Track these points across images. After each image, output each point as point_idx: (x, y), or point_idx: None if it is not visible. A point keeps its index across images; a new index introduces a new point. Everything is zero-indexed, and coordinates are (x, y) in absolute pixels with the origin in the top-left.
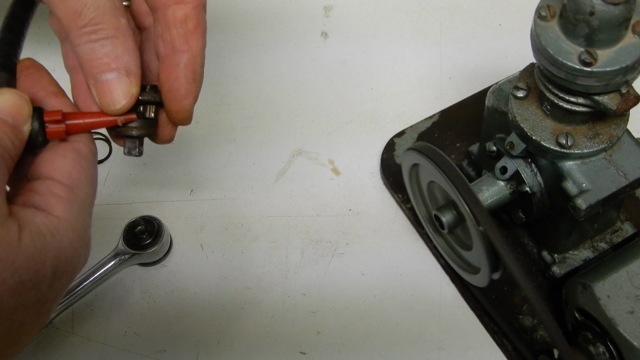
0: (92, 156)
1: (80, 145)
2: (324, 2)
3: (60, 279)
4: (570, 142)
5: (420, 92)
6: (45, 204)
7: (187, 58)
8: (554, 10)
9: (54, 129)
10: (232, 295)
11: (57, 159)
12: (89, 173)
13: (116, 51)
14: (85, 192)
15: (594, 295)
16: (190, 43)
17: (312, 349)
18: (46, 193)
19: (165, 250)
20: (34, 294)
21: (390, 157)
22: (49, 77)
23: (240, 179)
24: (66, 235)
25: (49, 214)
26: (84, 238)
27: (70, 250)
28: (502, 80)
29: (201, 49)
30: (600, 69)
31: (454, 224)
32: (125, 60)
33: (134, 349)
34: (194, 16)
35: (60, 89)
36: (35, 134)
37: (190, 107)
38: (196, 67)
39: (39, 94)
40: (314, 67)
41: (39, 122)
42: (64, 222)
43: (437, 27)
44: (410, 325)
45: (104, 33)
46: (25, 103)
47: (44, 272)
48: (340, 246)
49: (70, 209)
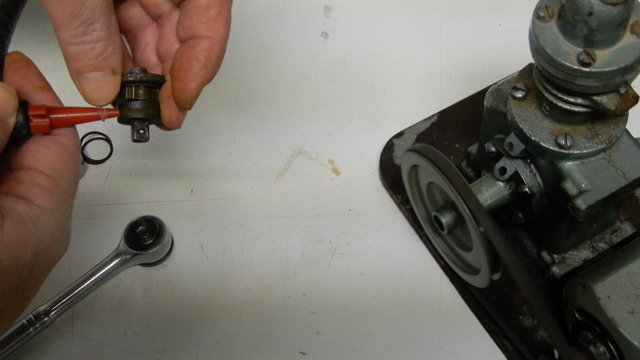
0: (75, 149)
1: (64, 139)
2: (324, 2)
3: (40, 267)
4: (569, 142)
5: (420, 92)
6: (28, 193)
7: (204, 43)
8: (552, 11)
9: (37, 123)
10: (232, 295)
11: (40, 150)
12: (71, 165)
13: (106, 52)
14: (67, 184)
15: (594, 296)
16: (210, 30)
17: (312, 349)
18: (29, 183)
19: (166, 250)
20: (14, 281)
21: (389, 158)
22: (36, 71)
23: (240, 179)
24: (47, 224)
25: (31, 202)
26: (65, 228)
27: (51, 239)
28: (501, 81)
29: (222, 37)
30: (598, 70)
31: (453, 224)
32: (113, 61)
33: (134, 349)
34: (217, 4)
35: (46, 84)
36: (20, 127)
37: (193, 90)
38: (212, 54)
39: (25, 87)
40: (314, 67)
41: (23, 115)
42: (46, 212)
43: (437, 27)
44: (410, 325)
45: (97, 35)
46: (11, 96)
47: (25, 259)
48: (340, 246)
49: (52, 198)
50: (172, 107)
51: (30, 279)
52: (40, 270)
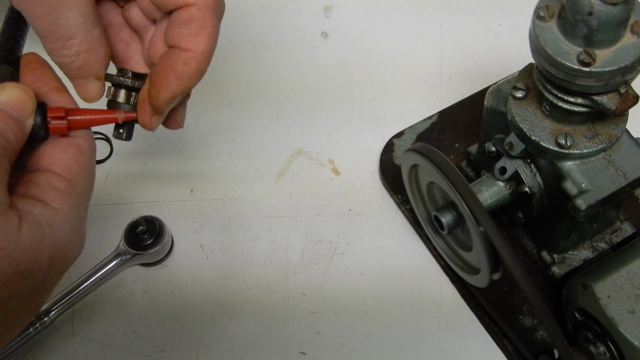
0: (92, 152)
1: (80, 141)
2: (324, 2)
3: (55, 270)
4: (569, 142)
5: (421, 92)
6: (44, 196)
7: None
8: (552, 11)
9: (56, 125)
10: (232, 295)
11: (57, 152)
12: (87, 168)
13: (87, 64)
14: (83, 187)
15: (594, 296)
16: (190, 44)
17: (312, 349)
18: (45, 185)
19: (166, 250)
20: (29, 284)
21: (389, 158)
22: (51, 72)
23: (240, 179)
24: (63, 227)
25: (47, 205)
26: (80, 231)
27: (66, 242)
28: (501, 81)
29: (201, 52)
30: (599, 69)
31: (453, 224)
32: (96, 70)
33: (134, 349)
34: (199, 18)
35: (62, 85)
36: (38, 128)
37: (164, 99)
38: (188, 67)
39: (41, 88)
40: (314, 67)
41: (41, 117)
42: (61, 214)
43: (437, 27)
44: (410, 325)
45: (75, 50)
46: (29, 98)
47: (40, 262)
48: (340, 246)
49: (68, 201)
50: (146, 111)
51: (45, 282)
52: (55, 274)
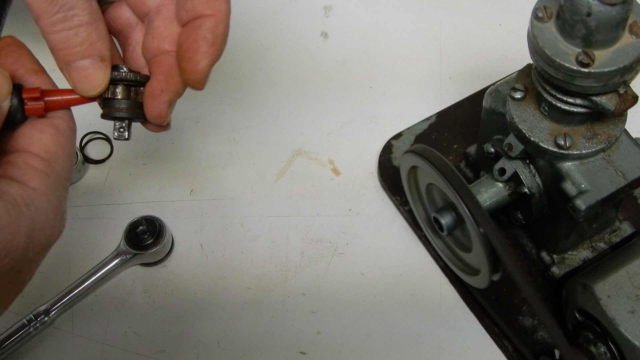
0: (70, 132)
1: (58, 121)
2: (324, 2)
3: (34, 249)
4: (568, 142)
5: (420, 92)
6: (22, 176)
7: (209, 22)
8: (550, 11)
9: (32, 106)
10: (232, 295)
11: (35, 133)
12: (66, 148)
13: (91, 38)
14: (62, 166)
15: (594, 296)
16: (213, 8)
17: (312, 349)
18: (23, 165)
19: (167, 250)
20: (7, 263)
21: (387, 160)
22: (29, 54)
23: (240, 179)
24: (41, 206)
25: (25, 185)
26: (59, 210)
27: (45, 221)
28: (499, 82)
29: (225, 14)
30: (597, 70)
31: (453, 226)
32: (99, 47)
33: (134, 349)
34: None
35: (40, 67)
36: (14, 110)
37: (204, 69)
38: (218, 31)
39: (19, 71)
40: (314, 67)
41: (18, 99)
42: (39, 194)
43: (437, 27)
44: (410, 325)
45: (78, 20)
46: (5, 80)
47: (18, 241)
48: (340, 246)
49: (46, 181)
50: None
51: (24, 261)
52: (34, 253)
